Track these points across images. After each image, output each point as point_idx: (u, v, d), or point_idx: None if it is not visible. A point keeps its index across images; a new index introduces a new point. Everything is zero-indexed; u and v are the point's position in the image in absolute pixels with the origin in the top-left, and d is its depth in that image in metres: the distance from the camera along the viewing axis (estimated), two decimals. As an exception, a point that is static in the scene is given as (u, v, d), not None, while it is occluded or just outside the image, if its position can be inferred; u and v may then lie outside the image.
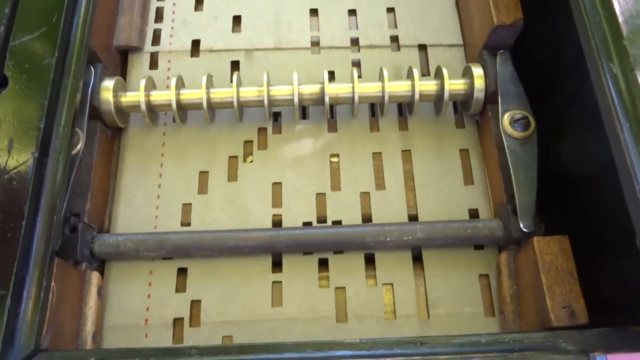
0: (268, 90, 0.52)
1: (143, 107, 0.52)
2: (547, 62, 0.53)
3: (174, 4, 0.62)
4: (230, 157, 0.54)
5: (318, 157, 0.54)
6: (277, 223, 0.51)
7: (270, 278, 0.49)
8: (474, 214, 0.51)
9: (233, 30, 0.60)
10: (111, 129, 0.54)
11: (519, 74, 0.51)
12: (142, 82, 0.52)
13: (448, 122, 0.55)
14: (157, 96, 0.52)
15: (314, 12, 0.61)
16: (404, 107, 0.56)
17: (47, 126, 0.43)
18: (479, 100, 0.52)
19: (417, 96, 0.52)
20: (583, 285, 0.41)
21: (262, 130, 0.55)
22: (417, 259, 0.49)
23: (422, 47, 0.59)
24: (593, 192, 0.47)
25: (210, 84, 0.53)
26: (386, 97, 0.52)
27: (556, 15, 0.47)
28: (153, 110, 0.54)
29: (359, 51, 0.59)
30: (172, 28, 0.60)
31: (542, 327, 0.41)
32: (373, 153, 0.54)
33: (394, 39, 0.59)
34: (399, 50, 0.59)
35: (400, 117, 0.56)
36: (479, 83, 0.51)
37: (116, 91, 0.52)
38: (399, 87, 0.52)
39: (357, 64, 0.58)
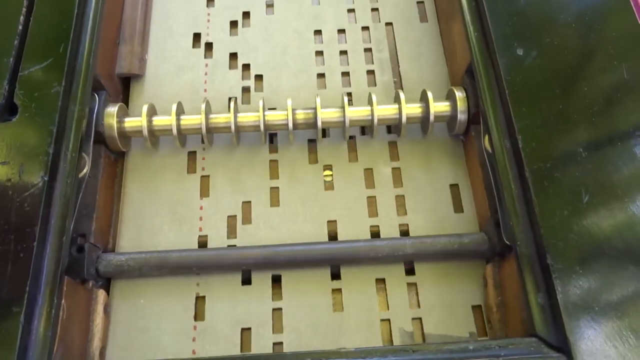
0: (264, 116, 0.55)
1: (145, 132, 0.54)
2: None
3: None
4: (227, 177, 0.57)
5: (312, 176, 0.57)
6: (276, 240, 0.53)
7: (271, 293, 0.51)
8: (461, 229, 0.54)
9: None
10: (114, 153, 0.56)
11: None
12: (144, 108, 0.54)
13: (435, 142, 0.59)
14: (158, 122, 0.55)
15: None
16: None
17: (55, 151, 0.45)
18: (462, 121, 0.55)
19: (404, 119, 0.55)
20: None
21: (258, 152, 0.58)
22: (410, 272, 0.52)
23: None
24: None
25: (208, 110, 0.56)
26: (375, 120, 0.55)
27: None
28: (154, 135, 0.56)
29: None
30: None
31: (527, 334, 0.44)
32: (364, 170, 0.57)
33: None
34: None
35: (390, 138, 0.59)
36: (462, 105, 0.54)
37: (119, 117, 0.54)
38: (387, 111, 0.55)
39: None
